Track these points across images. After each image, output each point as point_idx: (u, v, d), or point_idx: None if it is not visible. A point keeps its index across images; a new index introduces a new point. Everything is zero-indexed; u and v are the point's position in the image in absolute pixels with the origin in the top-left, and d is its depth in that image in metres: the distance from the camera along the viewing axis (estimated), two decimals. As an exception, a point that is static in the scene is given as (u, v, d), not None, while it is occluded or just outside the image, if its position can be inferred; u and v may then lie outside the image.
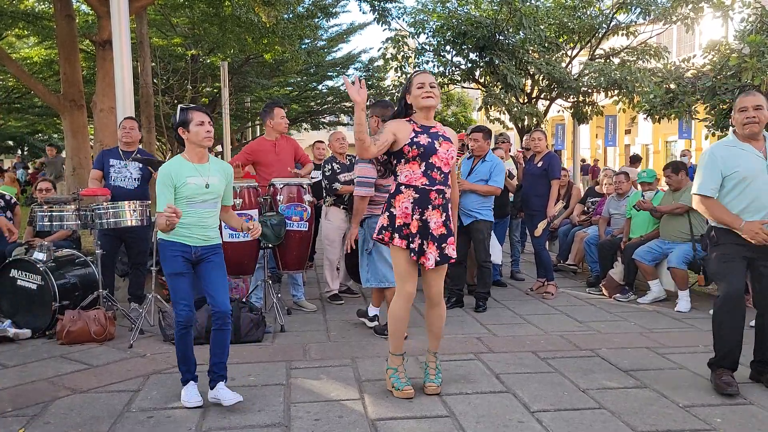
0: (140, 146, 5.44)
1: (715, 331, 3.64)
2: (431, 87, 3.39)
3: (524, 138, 8.18)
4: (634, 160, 13.49)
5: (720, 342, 3.62)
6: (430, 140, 3.40)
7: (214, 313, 3.42)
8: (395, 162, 3.48)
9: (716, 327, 3.63)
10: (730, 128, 3.71)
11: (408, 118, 3.49)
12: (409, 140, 3.37)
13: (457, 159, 5.67)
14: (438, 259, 3.39)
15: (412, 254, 3.39)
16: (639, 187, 6.62)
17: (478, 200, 5.52)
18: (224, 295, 3.44)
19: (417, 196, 3.38)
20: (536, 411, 3.29)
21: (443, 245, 3.41)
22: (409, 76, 3.60)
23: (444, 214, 3.42)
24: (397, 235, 3.40)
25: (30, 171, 20.68)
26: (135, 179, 5.18)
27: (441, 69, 13.21)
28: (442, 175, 3.42)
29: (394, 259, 3.49)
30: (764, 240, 3.37)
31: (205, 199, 3.40)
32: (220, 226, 3.85)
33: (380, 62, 14.99)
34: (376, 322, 4.83)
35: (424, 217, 3.38)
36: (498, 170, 5.57)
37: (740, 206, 3.51)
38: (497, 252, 6.22)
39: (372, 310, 4.89)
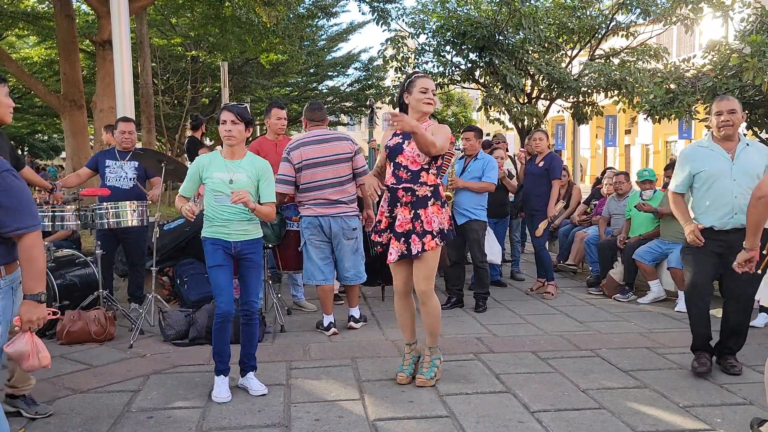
0: (138, 146, 5.43)
1: (690, 318, 3.93)
2: (433, 93, 3.55)
3: (527, 139, 8.17)
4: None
5: (692, 327, 3.89)
6: (400, 141, 3.56)
7: (241, 309, 3.60)
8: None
9: (688, 314, 3.96)
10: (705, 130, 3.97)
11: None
12: (386, 143, 3.62)
13: (452, 159, 5.70)
14: (404, 252, 3.52)
15: (379, 247, 3.64)
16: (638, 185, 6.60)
17: (472, 200, 5.53)
18: (252, 294, 3.59)
19: (389, 195, 3.60)
20: (536, 411, 3.29)
21: (409, 240, 3.51)
22: (409, 75, 3.68)
23: (413, 212, 3.51)
24: (373, 232, 3.70)
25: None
26: (130, 179, 5.17)
27: (441, 69, 13.20)
28: (410, 174, 3.52)
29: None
30: (693, 241, 3.73)
31: (230, 194, 3.43)
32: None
33: (380, 62, 14.98)
34: (333, 329, 4.78)
35: (393, 214, 3.58)
36: (490, 167, 5.58)
37: (705, 203, 3.79)
38: (497, 252, 6.21)
39: (325, 320, 4.82)
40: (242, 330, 3.63)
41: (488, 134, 13.81)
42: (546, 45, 12.36)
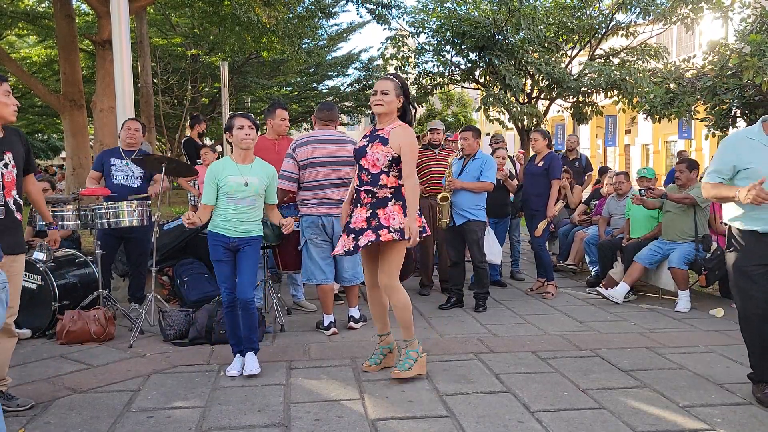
0: (141, 146, 5.42)
1: (747, 345, 3.48)
2: (383, 94, 3.64)
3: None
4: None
5: (751, 357, 3.47)
6: (364, 144, 3.71)
7: (237, 298, 3.84)
8: None
9: (746, 342, 3.47)
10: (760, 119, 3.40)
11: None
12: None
13: (449, 160, 5.69)
14: (350, 249, 3.66)
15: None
16: (637, 185, 6.58)
17: (471, 200, 5.51)
18: (244, 282, 3.81)
19: (355, 196, 3.76)
20: (536, 411, 3.29)
21: (359, 237, 3.64)
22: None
23: (370, 211, 3.64)
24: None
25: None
26: (137, 177, 5.17)
27: (441, 69, 13.21)
28: (369, 176, 3.65)
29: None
30: (756, 198, 3.03)
31: (244, 196, 3.80)
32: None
33: (380, 62, 15.00)
34: (333, 328, 4.79)
35: (352, 214, 3.73)
36: (488, 166, 5.57)
37: (754, 205, 3.15)
38: (496, 252, 6.21)
39: (325, 319, 4.83)
40: (241, 316, 3.86)
41: (488, 134, 13.82)
42: (546, 45, 12.38)
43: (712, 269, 5.55)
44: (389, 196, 3.65)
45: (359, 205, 3.69)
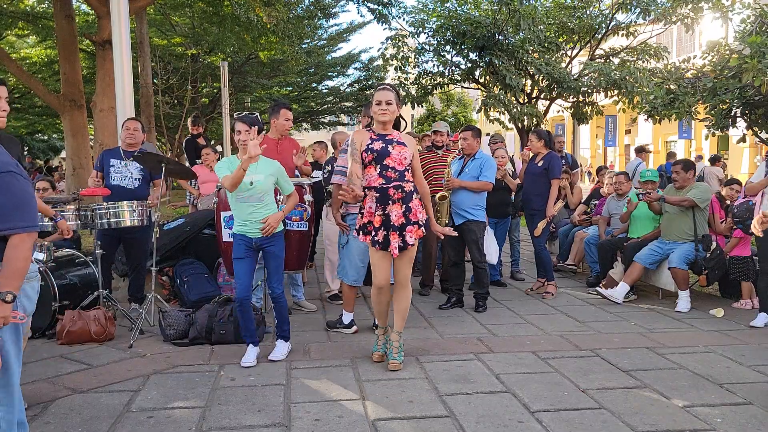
0: (143, 146, 5.42)
1: None
2: (387, 104, 3.90)
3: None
4: (715, 159, 12.89)
5: None
6: (383, 145, 3.90)
7: (270, 294, 4.17)
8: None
9: None
10: None
11: (368, 128, 4.06)
12: (366, 147, 3.90)
13: (448, 159, 5.69)
14: (401, 244, 3.87)
15: (377, 246, 3.88)
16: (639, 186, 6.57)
17: (470, 200, 5.51)
18: (274, 281, 4.09)
19: (378, 195, 3.89)
20: (536, 411, 3.29)
21: (403, 233, 3.88)
22: (374, 90, 4.22)
23: (404, 206, 3.89)
24: (361, 232, 3.96)
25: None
26: (135, 179, 5.16)
27: (441, 68, 13.21)
28: (397, 173, 3.89)
29: (370, 253, 4.03)
30: None
31: (251, 195, 3.93)
32: (220, 227, 3.97)
33: (380, 62, 15.00)
34: (354, 327, 4.82)
35: (386, 212, 3.87)
36: (488, 166, 5.56)
37: None
38: (493, 252, 6.19)
39: (346, 317, 4.85)
40: (274, 309, 4.18)
41: (488, 134, 13.83)
42: (546, 45, 12.36)
43: (712, 269, 5.56)
44: (412, 189, 3.96)
45: (390, 202, 3.87)
